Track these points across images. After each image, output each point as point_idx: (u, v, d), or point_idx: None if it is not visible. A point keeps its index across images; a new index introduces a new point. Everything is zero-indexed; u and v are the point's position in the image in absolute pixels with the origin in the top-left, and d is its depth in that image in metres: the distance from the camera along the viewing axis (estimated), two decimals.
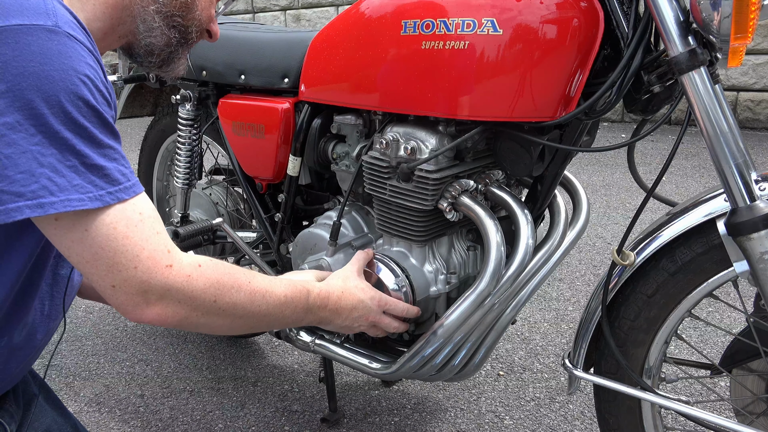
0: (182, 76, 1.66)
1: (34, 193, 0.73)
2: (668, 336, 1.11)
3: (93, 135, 0.76)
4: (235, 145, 1.55)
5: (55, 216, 0.75)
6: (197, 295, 0.85)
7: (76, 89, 0.74)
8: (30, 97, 0.71)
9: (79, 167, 0.75)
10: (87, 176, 0.76)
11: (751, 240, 0.93)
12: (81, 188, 0.75)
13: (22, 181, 0.72)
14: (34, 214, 0.73)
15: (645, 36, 0.99)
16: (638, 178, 1.19)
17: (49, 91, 0.72)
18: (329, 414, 1.69)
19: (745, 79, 4.82)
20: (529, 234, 1.15)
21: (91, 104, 0.76)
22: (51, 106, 0.72)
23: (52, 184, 0.73)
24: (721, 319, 2.16)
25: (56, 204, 0.73)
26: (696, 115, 0.95)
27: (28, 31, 0.72)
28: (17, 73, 0.71)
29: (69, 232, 0.77)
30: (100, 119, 0.77)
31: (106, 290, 0.81)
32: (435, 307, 1.30)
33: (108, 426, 1.74)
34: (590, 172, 3.90)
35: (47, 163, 0.73)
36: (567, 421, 1.70)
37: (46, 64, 0.72)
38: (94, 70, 0.77)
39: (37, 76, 0.71)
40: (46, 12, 0.74)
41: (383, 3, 1.18)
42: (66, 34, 0.74)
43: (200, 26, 0.99)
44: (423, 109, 1.15)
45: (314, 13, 6.50)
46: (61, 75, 0.73)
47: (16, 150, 0.72)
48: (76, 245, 0.78)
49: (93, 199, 0.76)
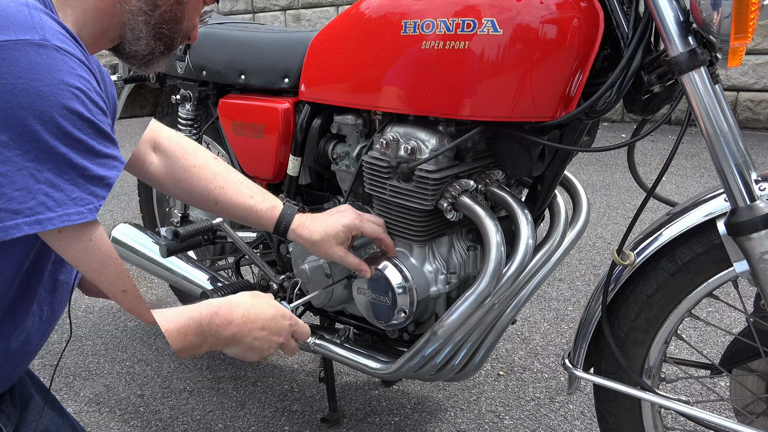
0: (181, 76, 1.66)
1: (31, 209, 0.73)
2: (668, 336, 1.11)
3: (90, 146, 0.76)
4: (235, 145, 1.55)
5: (57, 229, 0.75)
6: None
7: (68, 103, 0.73)
8: (22, 115, 0.71)
9: (78, 180, 0.75)
10: (87, 188, 0.75)
11: (751, 240, 0.93)
12: (81, 201, 0.75)
13: (19, 198, 0.72)
14: (33, 231, 0.73)
15: (645, 36, 0.99)
16: (638, 178, 1.19)
17: (40, 108, 0.71)
18: (329, 414, 1.69)
19: (745, 79, 4.82)
20: (529, 234, 1.15)
21: (85, 116, 0.75)
22: (44, 122, 0.72)
23: (49, 200, 0.73)
24: (721, 319, 2.16)
25: (54, 220, 0.74)
26: (696, 115, 0.95)
27: (15, 47, 0.71)
28: (6, 90, 0.70)
29: (74, 243, 0.77)
30: (96, 130, 0.77)
31: (117, 295, 0.81)
32: (435, 307, 1.30)
33: (108, 426, 1.74)
34: (590, 172, 3.90)
35: (44, 179, 0.73)
36: (567, 421, 1.70)
37: (36, 80, 0.71)
38: (86, 81, 0.76)
39: (27, 92, 0.71)
40: (33, 26, 0.73)
41: (383, 3, 1.18)
42: (54, 47, 0.74)
43: (185, 36, 0.99)
44: (423, 109, 1.15)
45: (314, 13, 6.50)
46: (52, 90, 0.72)
47: (12, 168, 0.71)
48: (82, 255, 0.78)
49: (94, 210, 0.76)
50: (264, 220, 1.21)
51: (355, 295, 1.32)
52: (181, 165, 1.19)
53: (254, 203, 1.20)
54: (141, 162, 1.18)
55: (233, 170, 1.23)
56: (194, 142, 1.24)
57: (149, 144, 1.19)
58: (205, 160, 1.21)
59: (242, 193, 1.20)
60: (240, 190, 1.20)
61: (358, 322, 1.45)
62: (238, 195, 1.20)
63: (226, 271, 1.89)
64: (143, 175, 1.20)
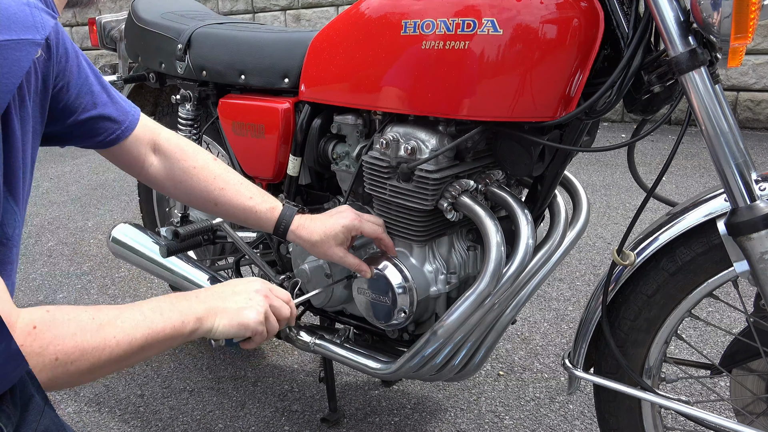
0: (181, 76, 1.66)
1: None
2: (668, 336, 1.11)
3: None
4: (235, 145, 1.55)
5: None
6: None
7: None
8: None
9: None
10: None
11: (751, 240, 0.93)
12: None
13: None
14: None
15: (645, 36, 0.99)
16: (638, 178, 1.19)
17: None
18: (329, 414, 1.69)
19: (745, 79, 4.82)
20: (529, 234, 1.15)
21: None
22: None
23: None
24: (721, 319, 2.16)
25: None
26: (696, 115, 0.95)
27: (16, 47, 0.70)
28: (7, 90, 0.69)
29: None
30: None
31: None
32: (435, 307, 1.30)
33: (108, 426, 1.74)
34: (590, 172, 3.90)
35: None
36: (567, 421, 1.70)
37: None
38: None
39: None
40: (34, 25, 0.72)
41: (383, 3, 1.18)
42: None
43: None
44: (423, 109, 1.15)
45: (314, 13, 6.50)
46: None
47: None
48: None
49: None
50: (263, 222, 1.21)
51: (355, 295, 1.32)
52: (181, 166, 1.19)
53: (254, 204, 1.20)
54: (141, 164, 1.18)
55: (233, 171, 1.23)
56: (193, 143, 1.24)
57: (149, 146, 1.19)
58: (205, 161, 1.21)
59: (242, 194, 1.20)
60: (239, 191, 1.20)
61: (358, 322, 1.45)
62: (237, 196, 1.20)
63: (226, 271, 1.89)
64: (143, 176, 1.20)
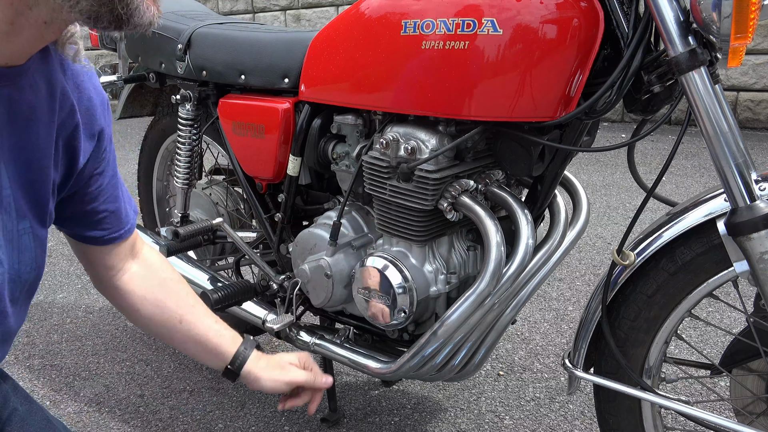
0: (181, 76, 1.66)
1: None
2: (668, 336, 1.11)
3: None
4: (235, 145, 1.55)
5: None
6: None
7: None
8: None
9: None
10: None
11: (751, 240, 0.93)
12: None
13: None
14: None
15: (645, 36, 0.99)
16: (638, 178, 1.19)
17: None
18: (329, 414, 1.69)
19: (745, 79, 4.82)
20: (529, 234, 1.15)
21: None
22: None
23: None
24: (721, 319, 2.16)
25: None
26: (696, 115, 0.95)
27: None
28: None
29: None
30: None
31: None
32: (435, 307, 1.30)
33: (108, 426, 1.74)
34: (590, 172, 3.90)
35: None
36: (567, 421, 1.70)
37: None
38: None
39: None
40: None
41: (383, 3, 1.18)
42: None
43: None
44: (423, 109, 1.15)
45: (314, 13, 6.50)
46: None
47: None
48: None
49: None
50: (223, 347, 1.14)
51: (355, 295, 1.32)
52: (161, 276, 1.14)
53: (219, 328, 1.15)
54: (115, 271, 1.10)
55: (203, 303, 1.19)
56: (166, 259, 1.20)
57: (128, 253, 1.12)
58: (181, 280, 1.17)
59: (211, 316, 1.16)
60: (209, 314, 1.16)
61: (358, 322, 1.45)
62: (207, 316, 1.15)
63: (226, 271, 1.89)
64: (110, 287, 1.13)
